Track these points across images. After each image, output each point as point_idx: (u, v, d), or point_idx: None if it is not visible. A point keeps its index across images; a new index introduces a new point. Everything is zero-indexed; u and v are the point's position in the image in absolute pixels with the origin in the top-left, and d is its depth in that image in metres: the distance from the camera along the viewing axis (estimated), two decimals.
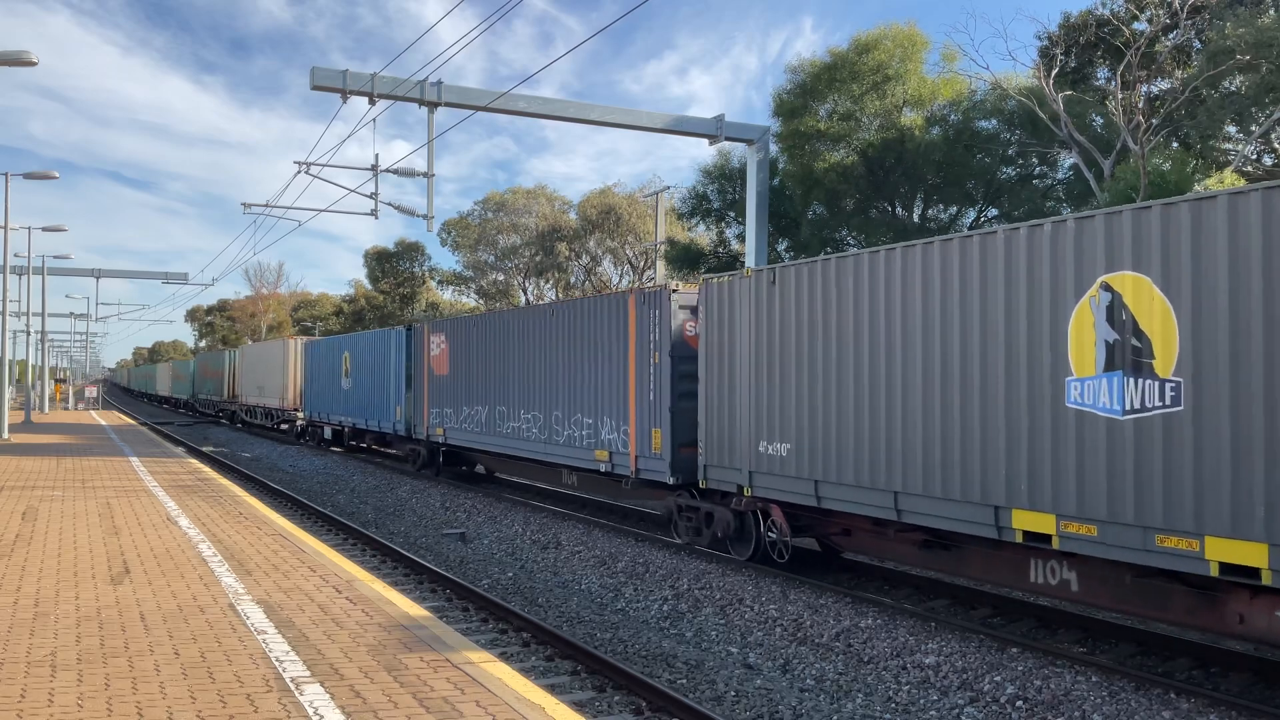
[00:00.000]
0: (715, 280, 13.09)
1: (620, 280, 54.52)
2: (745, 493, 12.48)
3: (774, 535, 12.46)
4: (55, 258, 47.36)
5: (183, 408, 68.51)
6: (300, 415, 35.84)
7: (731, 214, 32.57)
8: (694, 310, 13.95)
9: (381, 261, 68.81)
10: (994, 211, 29.53)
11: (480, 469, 23.71)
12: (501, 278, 60.73)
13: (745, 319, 12.42)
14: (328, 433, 31.86)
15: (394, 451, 28.66)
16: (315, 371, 33.19)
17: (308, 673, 6.55)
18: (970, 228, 29.32)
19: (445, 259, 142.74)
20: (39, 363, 61.06)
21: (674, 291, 14.14)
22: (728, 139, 24.66)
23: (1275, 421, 7.16)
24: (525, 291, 59.13)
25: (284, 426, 39.78)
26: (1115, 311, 8.20)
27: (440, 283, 67.22)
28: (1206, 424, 7.53)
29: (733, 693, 8.58)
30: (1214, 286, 7.52)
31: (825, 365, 11.27)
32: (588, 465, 16.24)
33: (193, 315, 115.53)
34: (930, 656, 9.20)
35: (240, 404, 45.99)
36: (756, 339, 12.23)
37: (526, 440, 18.28)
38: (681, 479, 13.87)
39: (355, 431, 29.25)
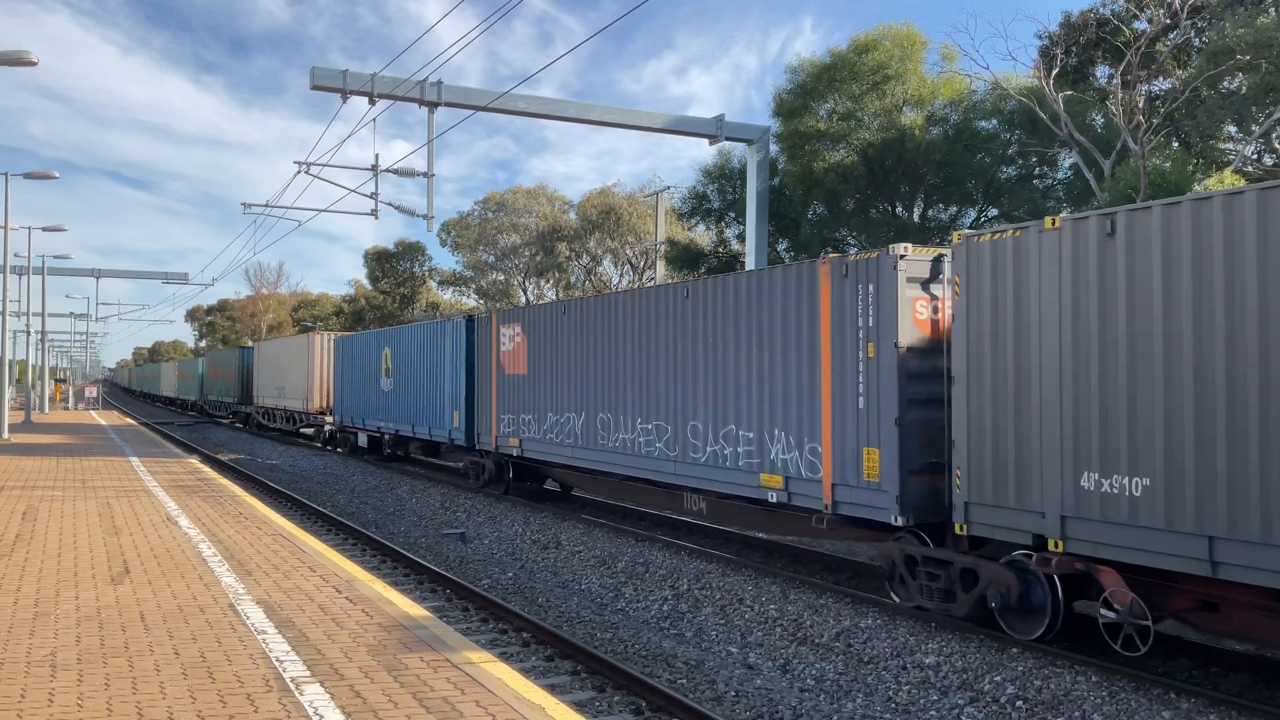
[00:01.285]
0: (984, 238, 9.48)
1: (620, 280, 54.52)
2: (1055, 547, 8.74)
3: (1112, 614, 8.57)
4: (55, 258, 47.40)
5: (189, 409, 65.29)
6: (329, 420, 32.18)
7: (731, 214, 32.57)
8: (925, 284, 10.48)
9: (381, 261, 68.79)
10: (994, 211, 29.52)
11: (549, 483, 20.31)
12: (501, 278, 60.72)
13: (1049, 291, 8.79)
14: (362, 440, 28.17)
15: (446, 463, 25.91)
16: (347, 371, 29.28)
17: (308, 673, 6.55)
18: (970, 227, 29.31)
19: (445, 259, 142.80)
20: (39, 363, 61.10)
21: (901, 258, 10.33)
22: (728, 139, 24.69)
23: None
24: (525, 291, 59.11)
25: (307, 431, 37.13)
26: None
27: (440, 283, 67.22)
28: None
29: (733, 693, 8.58)
30: None
31: (1233, 356, 7.47)
32: (746, 493, 12.47)
33: (193, 315, 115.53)
34: (930, 656, 9.19)
35: (257, 406, 42.41)
36: (1076, 320, 8.56)
37: (645, 457, 14.54)
38: (913, 518, 10.22)
39: (397, 439, 25.78)
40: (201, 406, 58.92)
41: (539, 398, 17.71)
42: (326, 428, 32.67)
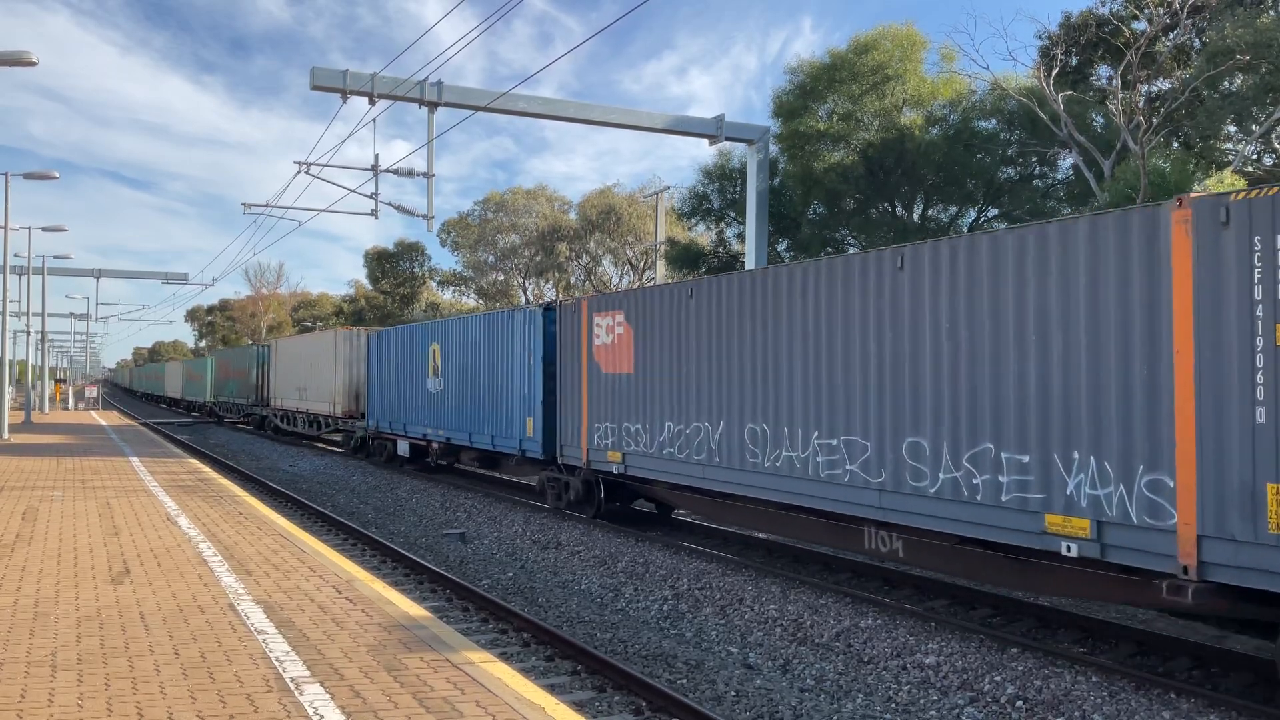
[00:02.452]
0: None
1: (621, 280, 54.52)
2: None
3: None
4: (55, 258, 47.44)
5: (197, 411, 62.25)
6: (360, 425, 28.69)
7: (731, 214, 32.58)
8: None
9: (381, 262, 68.82)
10: (994, 211, 29.54)
11: (637, 502, 17.00)
12: (501, 278, 60.74)
13: None
14: (403, 448, 24.99)
15: (509, 478, 22.77)
16: (383, 370, 26.14)
17: (308, 673, 6.55)
18: (970, 228, 29.32)
19: (445, 259, 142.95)
20: (39, 363, 61.09)
21: None
22: (728, 139, 24.70)
23: None
24: (525, 291, 59.13)
25: (333, 437, 34.33)
26: None
27: (440, 283, 67.26)
28: None
29: (733, 693, 8.58)
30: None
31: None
32: (1013, 539, 9.17)
33: (193, 315, 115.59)
34: (930, 656, 9.20)
35: (274, 408, 39.04)
36: None
37: (823, 482, 11.20)
38: None
39: (447, 448, 22.53)
40: (211, 408, 55.70)
41: (652, 403, 14.39)
42: (358, 434, 28.91)
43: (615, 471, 15.47)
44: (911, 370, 10.14)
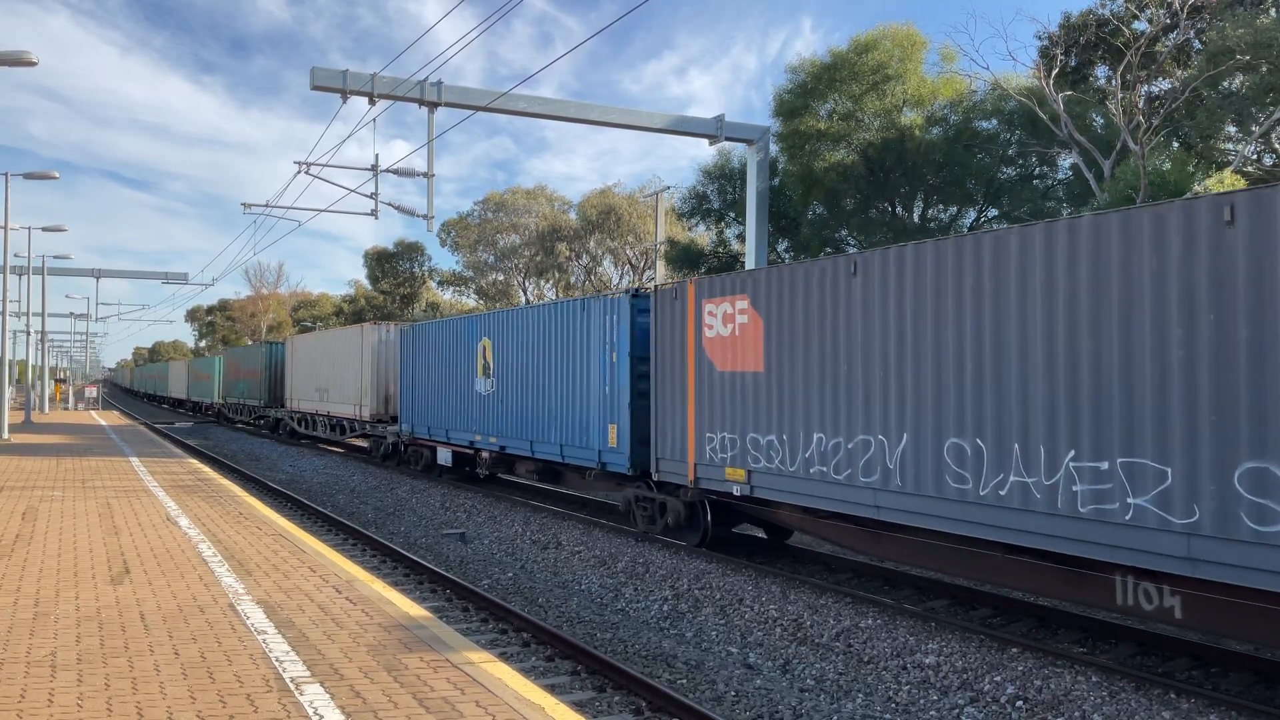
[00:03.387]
0: None
1: (620, 280, 54.53)
2: None
3: None
4: (55, 258, 47.42)
5: (204, 413, 59.78)
6: (391, 429, 25.86)
7: (731, 214, 32.58)
8: None
9: (381, 262, 68.83)
10: (994, 211, 29.54)
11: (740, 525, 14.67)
12: (501, 278, 60.74)
13: None
14: (444, 456, 22.41)
15: (579, 493, 20.15)
16: (420, 368, 23.50)
17: (308, 673, 6.55)
18: (970, 228, 29.34)
19: (445, 259, 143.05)
20: (39, 363, 61.10)
21: None
22: (728, 139, 24.69)
23: None
24: (525, 292, 59.13)
25: (357, 442, 32.04)
26: None
27: (440, 283, 67.27)
28: None
29: (733, 693, 8.58)
30: None
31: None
32: None
33: (193, 315, 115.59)
34: (930, 656, 9.19)
35: (290, 410, 36.26)
36: None
37: (1087, 521, 8.40)
38: None
39: (500, 458, 19.88)
40: (219, 410, 52.82)
41: (792, 409, 11.54)
42: (389, 440, 26.29)
43: (736, 493, 12.47)
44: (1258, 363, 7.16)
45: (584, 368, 16.27)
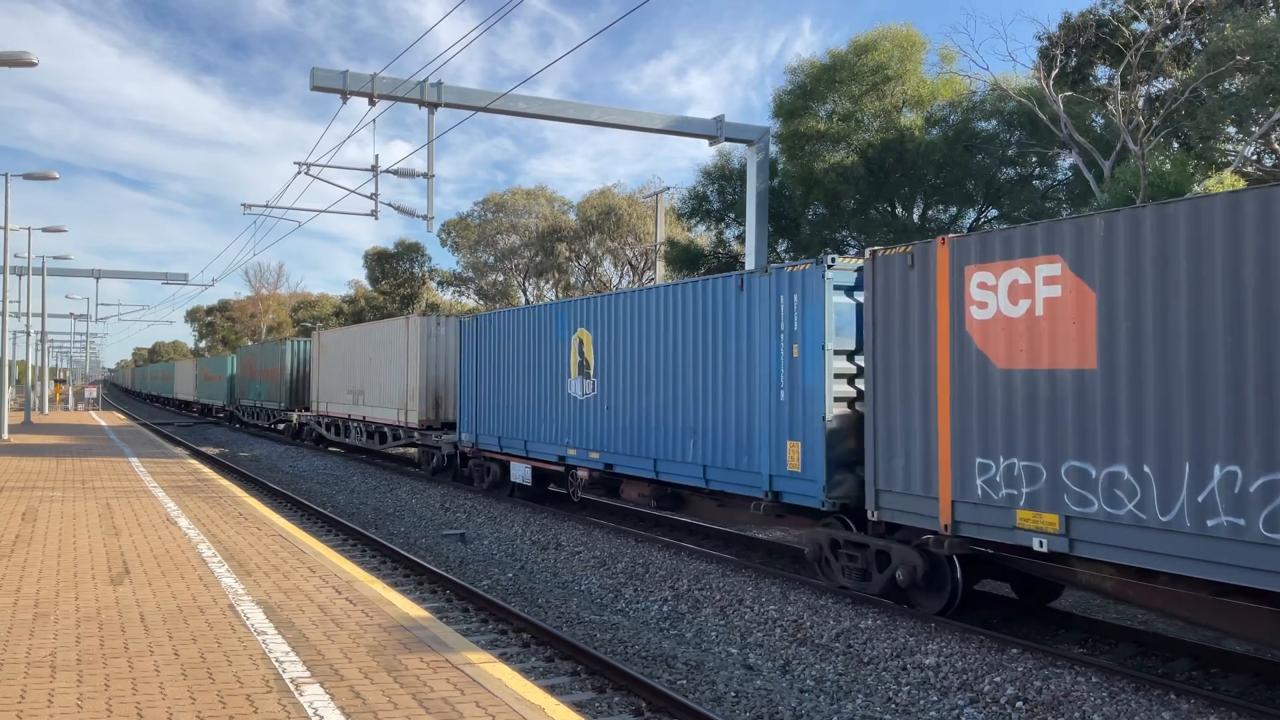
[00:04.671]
0: None
1: (620, 280, 54.56)
2: None
3: None
4: (55, 258, 47.37)
5: (213, 415, 56.67)
6: (447, 439, 22.54)
7: (731, 214, 32.58)
8: None
9: (381, 262, 68.84)
10: (994, 212, 29.54)
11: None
12: (501, 278, 60.76)
13: None
14: (520, 473, 18.78)
15: (703, 523, 16.00)
16: (486, 366, 20.19)
17: (307, 673, 6.55)
18: (971, 228, 29.34)
19: (445, 260, 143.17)
20: (39, 363, 61.08)
21: None
22: (727, 139, 24.70)
23: None
24: (525, 292, 59.15)
25: (396, 450, 28.46)
26: None
27: (440, 283, 67.29)
28: None
29: (733, 693, 8.58)
30: None
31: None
32: None
33: (193, 316, 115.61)
34: (930, 657, 9.20)
35: (317, 415, 33.03)
36: None
37: None
38: None
39: (606, 478, 16.22)
40: (232, 413, 49.23)
41: (1163, 426, 7.94)
42: (443, 451, 22.75)
43: (1040, 548, 8.88)
44: None
45: (742, 365, 12.62)
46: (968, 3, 56.14)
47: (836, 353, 11.31)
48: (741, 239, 30.28)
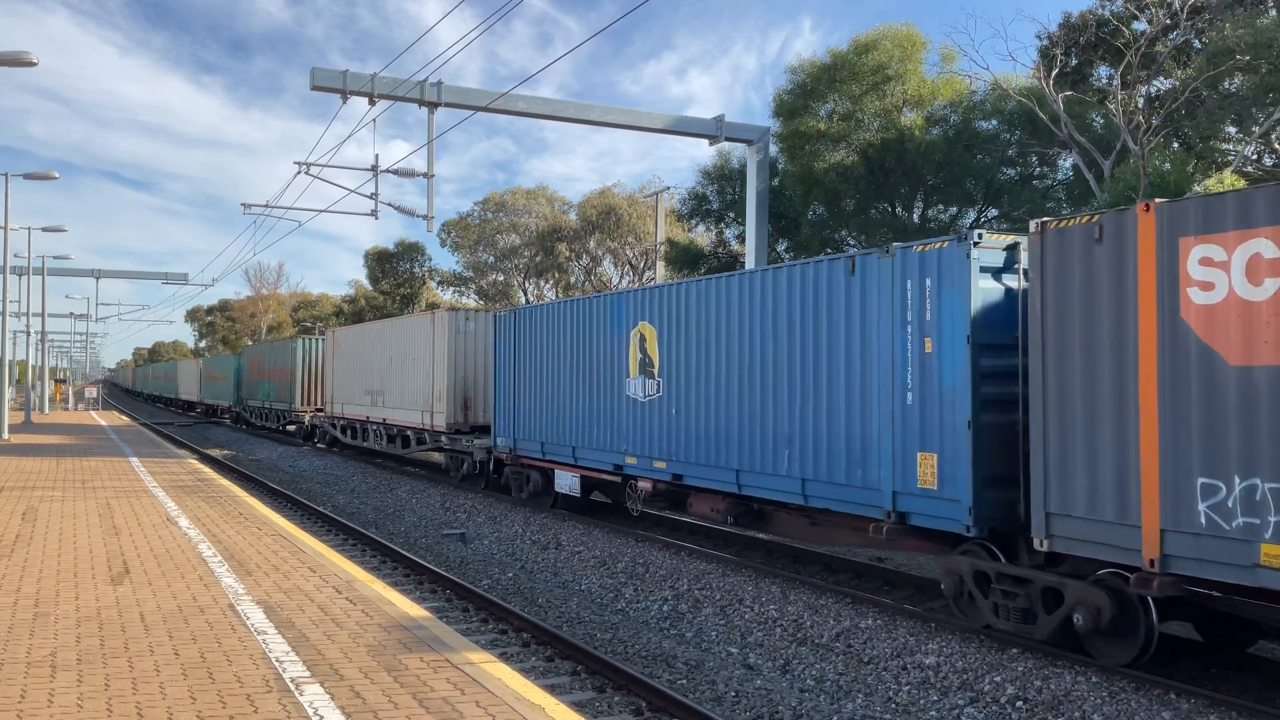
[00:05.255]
0: None
1: (620, 280, 54.58)
2: None
3: None
4: (55, 258, 47.37)
5: (218, 416, 55.00)
6: (479, 443, 20.90)
7: (731, 214, 32.58)
8: None
9: (381, 262, 68.85)
10: (994, 212, 29.55)
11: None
12: (501, 278, 60.78)
13: None
14: (566, 482, 17.21)
15: (797, 544, 14.19)
16: (526, 364, 18.60)
17: (308, 673, 6.55)
18: (970, 227, 29.34)
19: (445, 259, 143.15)
20: (39, 363, 61.08)
21: None
22: (728, 139, 24.71)
23: None
24: (525, 292, 59.15)
25: (423, 456, 26.69)
26: None
27: (440, 283, 67.31)
28: None
29: (733, 693, 8.58)
30: None
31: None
32: None
33: (193, 315, 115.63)
34: (930, 657, 9.20)
35: (332, 416, 31.39)
36: None
37: None
38: None
39: (671, 491, 14.71)
40: (239, 414, 47.52)
41: None
42: (475, 456, 21.11)
43: None
44: None
45: (854, 363, 10.89)
46: (968, 3, 56.19)
47: (984, 347, 9.46)
48: (741, 239, 30.27)
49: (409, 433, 24.57)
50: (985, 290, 9.57)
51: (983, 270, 9.56)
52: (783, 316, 12.01)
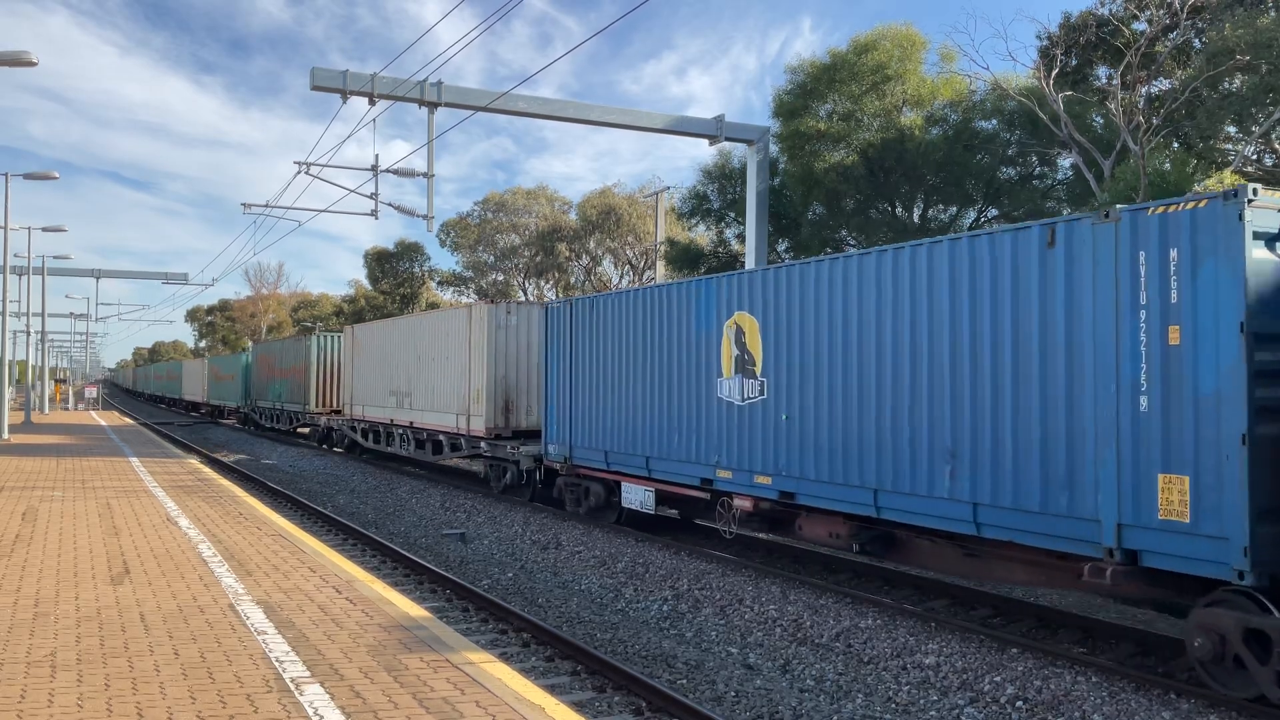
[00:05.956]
0: None
1: (620, 280, 54.58)
2: None
3: None
4: (55, 258, 47.38)
5: (225, 417, 53.57)
6: (525, 451, 18.69)
7: (731, 214, 32.57)
8: None
9: (381, 262, 68.84)
10: (994, 211, 29.55)
11: None
12: (501, 278, 60.78)
13: None
14: (639, 497, 15.07)
15: (920, 573, 12.20)
16: (586, 361, 16.41)
17: (308, 673, 6.55)
18: (970, 228, 29.34)
19: (445, 259, 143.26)
20: (39, 363, 61.08)
21: None
22: (728, 139, 24.71)
23: None
24: (525, 292, 59.15)
25: (454, 463, 25.46)
26: None
27: (440, 283, 67.32)
28: None
29: (733, 693, 8.58)
30: None
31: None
32: None
33: (193, 315, 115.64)
34: (930, 657, 9.20)
35: (352, 419, 29.55)
36: None
37: None
38: None
39: (775, 509, 12.61)
40: (247, 415, 45.74)
41: None
42: (520, 465, 18.96)
43: None
44: None
45: (1053, 356, 8.82)
46: (968, 3, 56.21)
47: (1263, 338, 7.41)
48: (741, 238, 30.27)
49: (440, 437, 22.72)
50: (1260, 264, 7.43)
51: (1255, 237, 7.44)
52: (943, 301, 9.84)
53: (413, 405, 24.31)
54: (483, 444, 20.43)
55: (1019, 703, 8.14)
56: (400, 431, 25.32)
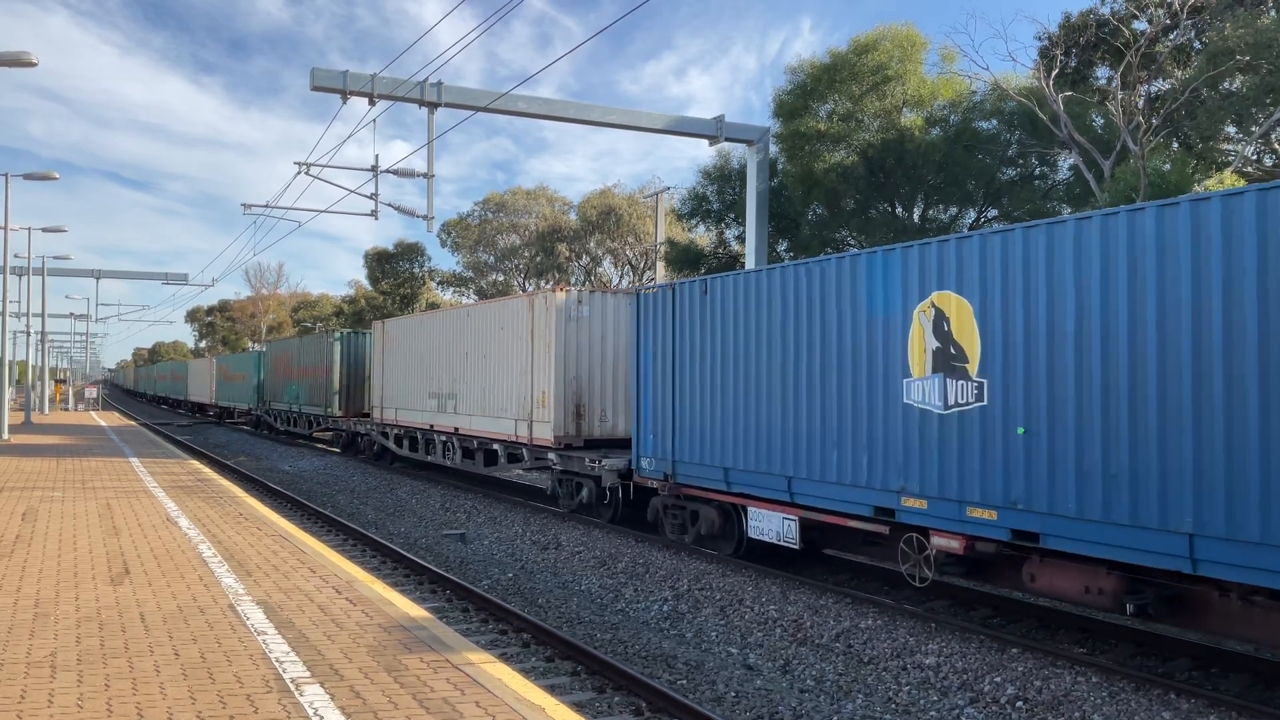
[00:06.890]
0: None
1: (620, 280, 54.61)
2: None
3: None
4: (55, 258, 47.39)
5: (235, 419, 51.40)
6: (606, 464, 15.93)
7: (731, 215, 32.57)
8: None
9: (381, 262, 68.85)
10: (994, 212, 29.56)
11: None
12: (501, 278, 60.80)
13: None
14: (775, 527, 12.28)
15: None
16: (695, 360, 13.75)
17: (308, 673, 6.55)
18: (970, 228, 29.33)
19: (445, 260, 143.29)
20: (39, 363, 61.08)
21: None
22: (728, 139, 24.70)
23: None
24: (525, 292, 59.24)
25: (512, 474, 22.91)
26: None
27: (440, 283, 67.32)
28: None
29: (733, 693, 8.58)
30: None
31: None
32: None
33: (193, 316, 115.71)
34: (930, 657, 9.20)
35: (383, 424, 26.68)
36: None
37: None
38: None
39: (1002, 550, 9.64)
40: (260, 418, 43.01)
41: None
42: (603, 481, 16.23)
43: None
44: None
45: None
46: (968, 3, 56.27)
47: None
48: (741, 239, 30.27)
49: (495, 446, 19.71)
50: None
51: None
52: None
53: (457, 409, 21.56)
54: (551, 455, 17.50)
55: (1019, 703, 8.14)
56: (443, 439, 22.52)
